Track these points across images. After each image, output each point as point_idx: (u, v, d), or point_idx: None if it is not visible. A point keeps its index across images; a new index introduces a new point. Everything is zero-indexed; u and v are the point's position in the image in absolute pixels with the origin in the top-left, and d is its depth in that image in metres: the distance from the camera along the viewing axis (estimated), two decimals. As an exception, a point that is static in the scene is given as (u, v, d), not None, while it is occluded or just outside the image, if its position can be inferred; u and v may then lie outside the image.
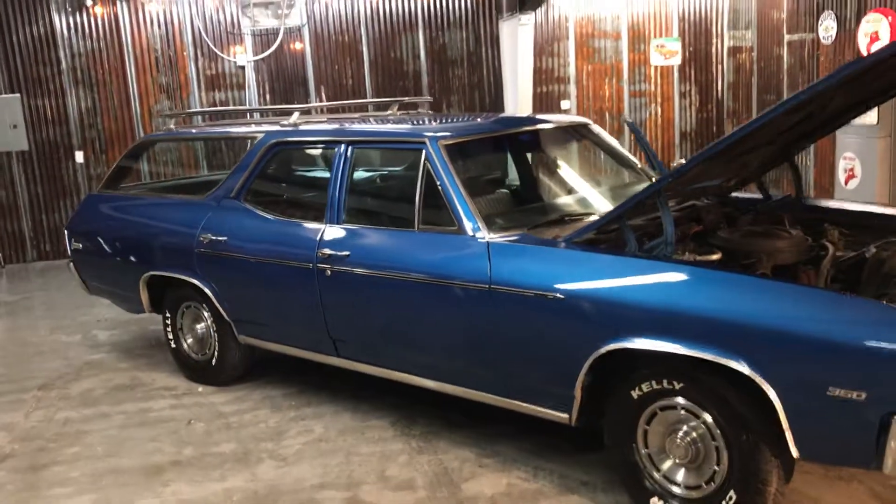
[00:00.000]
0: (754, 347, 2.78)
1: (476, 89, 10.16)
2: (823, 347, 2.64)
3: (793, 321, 2.71)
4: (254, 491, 3.69)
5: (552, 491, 3.51)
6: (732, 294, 2.88)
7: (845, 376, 2.61)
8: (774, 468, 2.87)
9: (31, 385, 5.28)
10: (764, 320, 2.75)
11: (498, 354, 3.52)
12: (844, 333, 2.61)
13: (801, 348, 2.68)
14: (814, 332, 2.66)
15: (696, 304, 2.91)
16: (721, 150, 3.02)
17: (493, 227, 3.60)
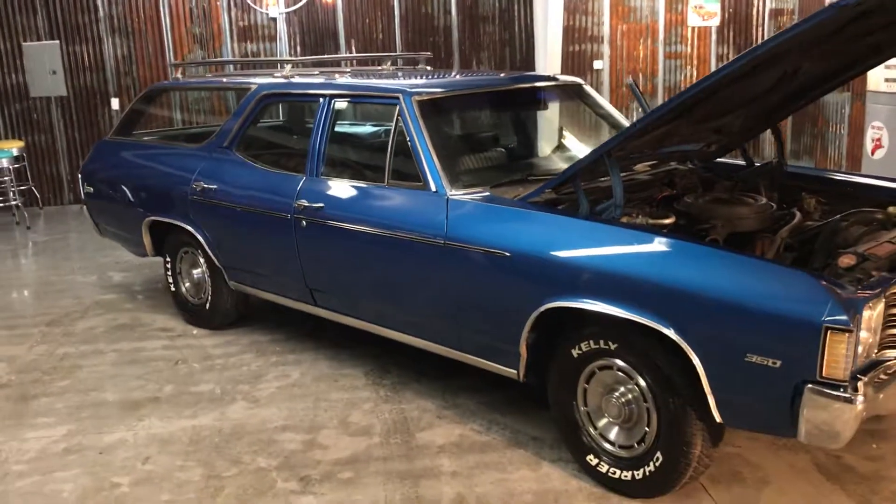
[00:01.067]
0: (680, 312, 2.79)
1: (507, 46, 10.09)
2: (742, 314, 2.64)
3: (715, 287, 2.71)
4: (219, 429, 3.85)
5: (501, 444, 3.59)
6: (662, 258, 2.89)
7: (762, 343, 2.62)
8: (699, 432, 2.89)
9: (41, 321, 5.53)
10: (689, 285, 2.76)
11: (452, 309, 3.59)
12: (762, 301, 2.61)
13: (722, 314, 2.69)
14: (733, 298, 2.66)
15: (627, 267, 2.93)
16: (668, 112, 2.99)
17: (457, 184, 3.63)
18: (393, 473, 3.39)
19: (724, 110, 3.64)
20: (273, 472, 3.46)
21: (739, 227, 3.42)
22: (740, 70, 2.84)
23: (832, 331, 2.46)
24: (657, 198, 3.79)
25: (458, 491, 3.24)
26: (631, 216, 3.33)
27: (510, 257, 3.25)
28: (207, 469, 3.50)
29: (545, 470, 3.37)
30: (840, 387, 2.51)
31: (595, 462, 3.21)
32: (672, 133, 3.58)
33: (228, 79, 5.37)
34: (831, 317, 2.46)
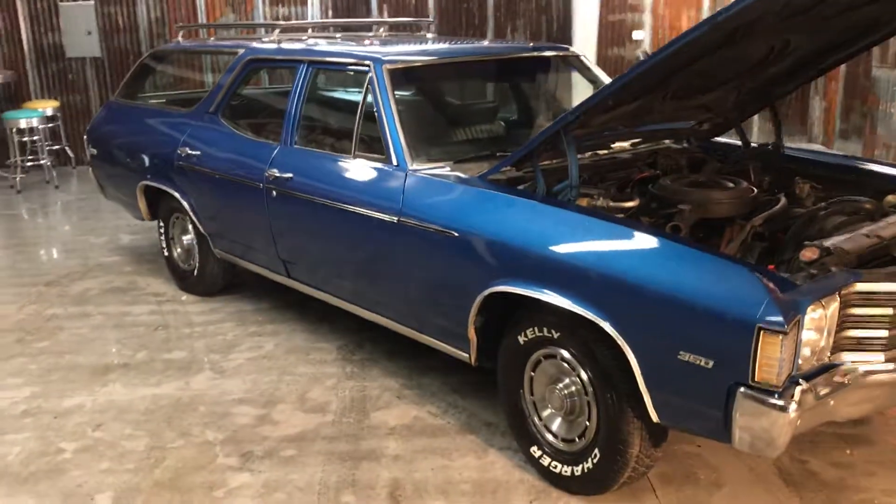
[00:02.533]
0: (616, 303, 2.62)
1: (543, 14, 9.79)
2: (676, 308, 2.46)
3: (650, 278, 2.52)
4: (178, 398, 3.81)
5: (453, 429, 3.47)
6: (602, 245, 2.71)
7: (694, 341, 2.43)
8: (637, 431, 2.72)
9: (40, 281, 5.59)
10: (625, 275, 2.58)
11: (408, 289, 3.46)
12: (696, 295, 2.41)
13: (656, 307, 2.50)
14: (667, 290, 2.47)
15: (566, 253, 2.75)
16: (627, 85, 2.78)
17: (420, 158, 3.49)
18: (336, 454, 3.30)
19: (707, 85, 3.41)
20: (217, 446, 3.40)
21: (712, 212, 3.19)
22: (705, 40, 2.62)
23: (765, 332, 2.25)
24: (635, 178, 3.58)
25: (396, 476, 3.14)
26: (593, 198, 3.14)
27: (458, 237, 3.10)
28: (154, 439, 3.46)
29: (491, 458, 3.24)
30: (774, 393, 2.30)
31: (538, 454, 3.07)
32: (648, 109, 3.37)
33: (224, 43, 5.27)
34: (765, 317, 2.26)
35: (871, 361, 2.55)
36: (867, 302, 2.52)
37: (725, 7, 2.44)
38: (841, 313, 2.49)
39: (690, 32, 2.54)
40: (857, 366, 2.52)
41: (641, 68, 2.68)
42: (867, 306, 2.52)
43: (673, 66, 2.84)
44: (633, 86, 2.87)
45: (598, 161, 3.70)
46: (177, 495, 3.06)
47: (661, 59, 2.63)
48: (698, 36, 2.53)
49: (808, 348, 2.44)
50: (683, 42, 2.56)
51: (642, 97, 3.15)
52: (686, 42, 2.56)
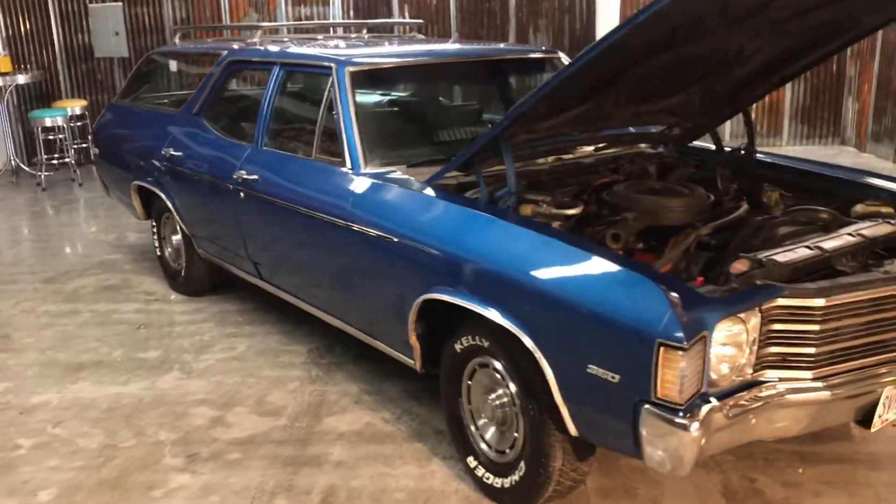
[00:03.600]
0: (532, 313, 2.56)
1: (567, 14, 9.67)
2: (584, 319, 2.39)
3: (562, 287, 2.47)
4: (141, 398, 3.85)
5: (403, 436, 3.44)
6: (522, 254, 2.64)
7: (602, 355, 2.36)
8: (559, 444, 2.65)
9: (40, 277, 5.71)
10: (540, 284, 2.52)
11: (359, 294, 3.44)
12: (603, 306, 2.34)
13: (568, 318, 2.44)
14: (577, 301, 2.41)
15: (489, 261, 2.70)
16: (554, 90, 2.71)
17: (374, 162, 3.46)
18: (280, 458, 3.30)
19: (665, 89, 3.32)
20: (168, 446, 3.43)
21: (662, 220, 3.10)
22: (633, 42, 2.54)
23: (665, 348, 2.18)
24: (594, 184, 3.49)
25: (333, 482, 3.12)
26: (537, 204, 3.07)
27: (397, 242, 3.07)
28: (109, 438, 3.50)
29: (433, 467, 3.20)
30: (677, 411, 2.22)
31: (474, 465, 3.02)
32: (603, 113, 3.29)
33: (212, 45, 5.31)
34: (665, 332, 2.18)
35: (798, 379, 2.45)
36: (792, 317, 2.42)
37: (641, 9, 2.36)
38: (763, 329, 2.40)
39: (611, 35, 2.46)
40: (779, 384, 2.42)
41: (565, 74, 2.61)
42: (791, 322, 2.42)
43: (607, 69, 2.76)
44: (567, 90, 2.80)
45: (561, 166, 3.63)
46: (116, 494, 3.09)
47: (586, 62, 2.55)
48: (621, 38, 2.45)
49: (725, 364, 2.36)
50: (605, 45, 2.48)
51: (587, 101, 3.07)
52: (609, 44, 2.48)
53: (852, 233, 2.85)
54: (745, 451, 3.20)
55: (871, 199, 3.34)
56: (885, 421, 2.66)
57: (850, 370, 2.52)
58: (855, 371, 2.53)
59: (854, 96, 9.58)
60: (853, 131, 9.62)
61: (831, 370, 2.49)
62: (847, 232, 2.86)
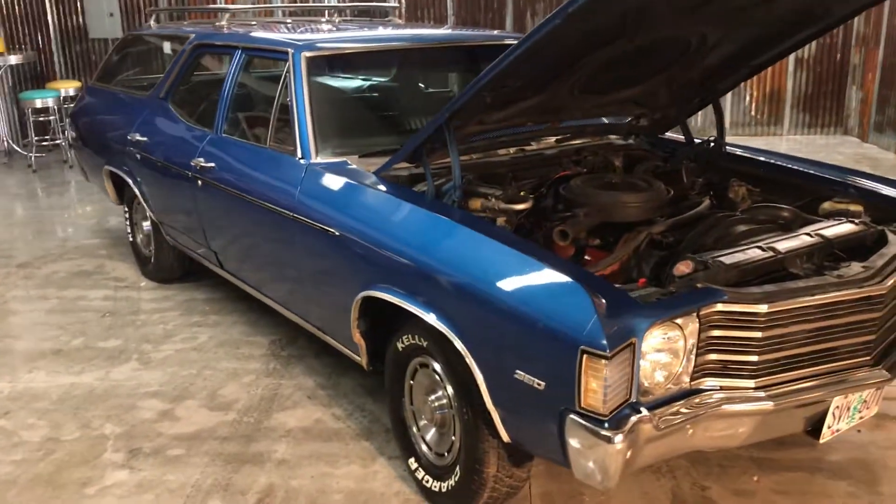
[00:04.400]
0: (462, 314, 2.45)
1: (565, -2, 9.46)
2: (512, 322, 2.28)
3: (492, 287, 2.35)
4: (91, 389, 3.78)
5: (351, 433, 3.34)
6: (454, 251, 2.53)
7: (528, 360, 2.25)
8: (493, 449, 2.54)
9: (14, 262, 5.65)
10: (470, 283, 2.41)
11: (307, 288, 3.35)
12: (529, 309, 2.23)
13: (496, 320, 2.33)
14: (504, 303, 2.30)
15: (423, 258, 2.59)
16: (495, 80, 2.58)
17: (324, 151, 3.35)
18: (223, 455, 3.22)
19: (626, 79, 3.19)
20: (111, 440, 3.35)
21: (617, 216, 2.97)
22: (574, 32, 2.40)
23: (588, 355, 2.06)
24: (553, 177, 3.37)
25: (273, 482, 3.03)
26: (486, 198, 2.95)
27: (338, 236, 2.96)
28: (53, 431, 3.43)
29: (376, 468, 3.10)
30: (602, 422, 2.11)
31: (415, 466, 2.92)
32: (561, 104, 3.17)
33: (183, 28, 5.20)
34: (588, 339, 2.06)
35: (739, 388, 2.33)
36: (733, 324, 2.29)
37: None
38: (702, 335, 2.28)
39: (545, 24, 2.33)
40: (718, 394, 2.30)
41: (502, 65, 2.48)
42: (732, 328, 2.29)
43: (554, 58, 2.63)
44: (513, 80, 2.67)
45: (523, 157, 3.51)
46: (49, 490, 3.02)
47: (523, 52, 2.43)
48: (558, 27, 2.32)
49: (660, 371, 2.24)
50: (540, 35, 2.35)
51: (541, 91, 2.94)
52: (545, 34, 2.35)
53: (811, 233, 2.72)
54: (700, 456, 3.08)
55: (841, 196, 3.21)
56: (835, 432, 2.55)
57: (796, 379, 2.39)
58: (802, 380, 2.40)
59: (858, 85, 9.36)
60: (856, 121, 9.41)
61: (775, 379, 2.37)
62: (806, 232, 2.73)
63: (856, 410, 2.57)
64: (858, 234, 2.80)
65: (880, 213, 3.09)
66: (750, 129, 9.81)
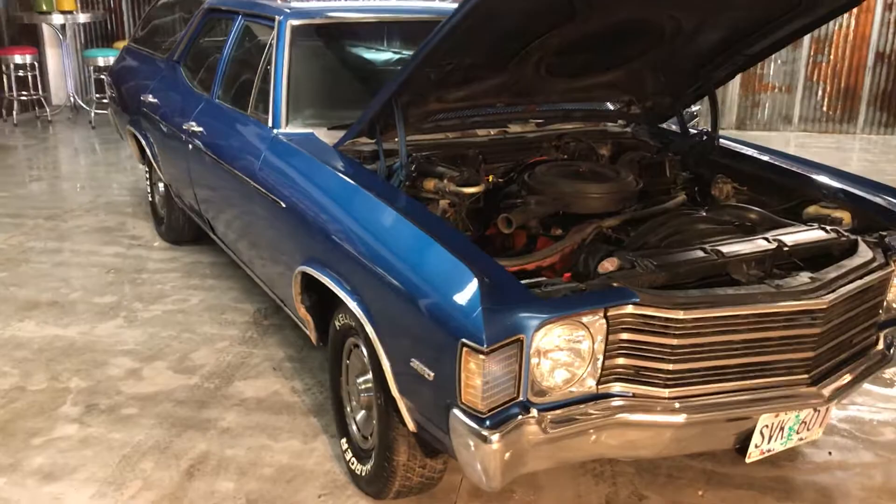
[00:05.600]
0: (373, 296, 2.38)
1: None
2: (409, 309, 2.20)
3: (395, 271, 2.28)
4: (72, 342, 3.86)
5: (303, 408, 3.32)
6: (374, 232, 2.46)
7: (421, 349, 2.17)
8: (402, 438, 2.47)
9: (44, 214, 5.83)
10: (380, 267, 2.34)
11: (265, 259, 3.33)
12: (425, 296, 2.15)
13: (400, 305, 2.25)
14: (407, 289, 2.22)
15: (347, 239, 2.53)
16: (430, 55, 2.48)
17: (295, 121, 3.31)
18: (172, 418, 3.24)
19: (594, 64, 3.05)
20: (73, 394, 3.41)
21: (575, 206, 2.84)
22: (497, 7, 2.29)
23: (468, 349, 1.96)
24: (526, 162, 3.24)
25: (209, 450, 3.03)
26: (440, 180, 2.86)
27: (284, 208, 2.92)
28: (22, 380, 3.52)
29: (315, 445, 3.07)
30: (482, 420, 2.01)
31: (345, 447, 2.87)
32: (525, 86, 3.04)
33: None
34: (470, 332, 1.96)
35: (651, 397, 2.19)
36: (647, 328, 2.15)
37: None
38: (612, 338, 2.14)
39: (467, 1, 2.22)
40: (623, 401, 2.17)
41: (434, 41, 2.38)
42: (646, 333, 2.15)
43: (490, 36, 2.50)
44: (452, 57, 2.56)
45: (501, 140, 3.39)
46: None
47: (451, 29, 2.32)
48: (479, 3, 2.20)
49: (562, 372, 2.13)
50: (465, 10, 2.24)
51: (498, 71, 2.82)
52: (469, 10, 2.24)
53: (770, 238, 2.54)
54: (649, 464, 2.94)
55: (829, 200, 2.99)
56: (764, 452, 2.39)
57: (718, 393, 2.24)
58: (724, 394, 2.24)
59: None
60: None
61: (694, 391, 2.22)
62: (765, 236, 2.55)
63: (792, 431, 2.40)
64: (826, 242, 2.60)
65: (868, 221, 2.87)
66: (821, 125, 9.34)
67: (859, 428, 3.24)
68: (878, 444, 3.14)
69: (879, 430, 3.24)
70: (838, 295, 2.30)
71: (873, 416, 3.34)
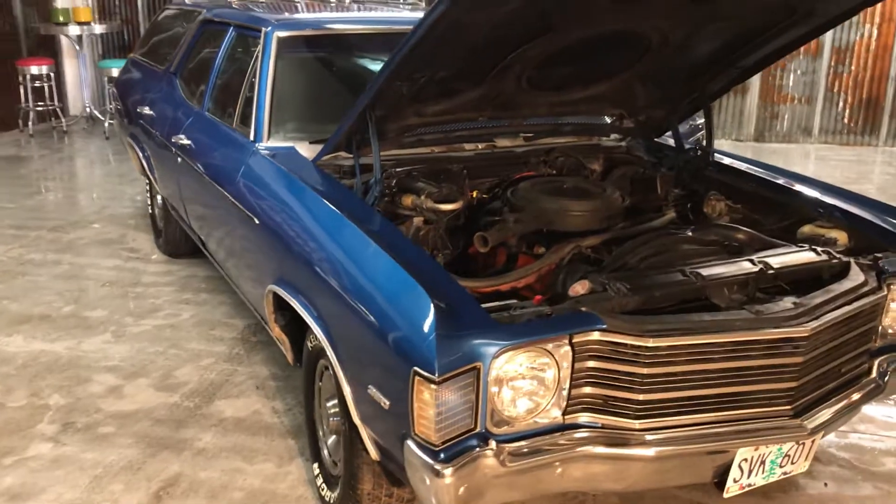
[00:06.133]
0: (335, 321, 2.30)
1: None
2: (368, 336, 2.11)
3: (359, 296, 2.19)
4: (57, 358, 3.81)
5: (282, 430, 3.24)
6: (337, 254, 2.37)
7: (377, 376, 2.08)
8: (366, 465, 2.38)
9: (47, 225, 5.82)
10: (342, 289, 2.25)
11: (244, 276, 3.26)
12: (383, 320, 2.05)
13: (358, 331, 2.17)
14: (367, 315, 2.13)
15: (312, 258, 2.45)
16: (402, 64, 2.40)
17: (277, 135, 3.24)
18: (149, 438, 3.17)
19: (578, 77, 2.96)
20: (51, 412, 3.36)
21: (556, 224, 2.74)
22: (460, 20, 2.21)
23: (419, 378, 1.87)
24: (515, 177, 3.15)
25: (182, 472, 2.96)
26: (418, 196, 2.77)
27: (258, 225, 2.85)
28: (3, 396, 3.48)
29: (290, 469, 2.99)
30: (435, 452, 1.91)
31: (317, 472, 2.79)
32: (507, 100, 2.95)
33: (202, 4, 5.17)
34: (421, 360, 1.87)
35: (620, 429, 2.08)
36: (615, 356, 2.04)
37: None
38: (577, 366, 2.04)
39: (432, 11, 2.13)
40: (589, 433, 2.06)
41: (400, 53, 2.30)
42: (612, 361, 2.05)
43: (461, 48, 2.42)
44: (423, 70, 2.48)
45: (490, 154, 3.30)
46: (-29, 457, 3.04)
47: (417, 41, 2.24)
48: (444, 14, 2.12)
49: (525, 401, 2.02)
50: (430, 20, 2.16)
51: (476, 84, 2.74)
52: (434, 21, 2.15)
53: (755, 260, 2.42)
54: (635, 492, 2.81)
55: (825, 219, 2.87)
56: (744, 487, 2.27)
57: (693, 424, 2.12)
58: (700, 426, 2.13)
59: (968, 96, 8.55)
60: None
61: (667, 422, 2.11)
62: (750, 258, 2.43)
63: (775, 465, 2.27)
64: (815, 264, 2.47)
65: (866, 242, 2.74)
66: (841, 137, 9.13)
67: (859, 458, 3.10)
68: (878, 475, 3.00)
69: (880, 459, 3.09)
70: (823, 322, 2.18)
71: (875, 444, 3.19)
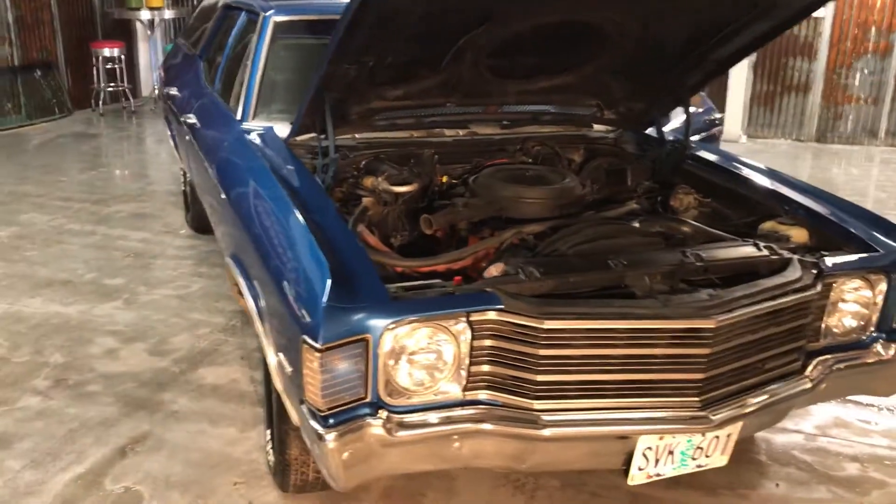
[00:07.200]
0: (263, 290, 2.39)
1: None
2: (279, 305, 2.20)
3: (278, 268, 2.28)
4: (68, 320, 4.05)
5: (254, 398, 3.37)
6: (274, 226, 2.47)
7: (284, 343, 2.18)
8: (293, 432, 2.47)
9: (91, 199, 6.14)
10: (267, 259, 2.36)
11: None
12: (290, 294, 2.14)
13: (274, 301, 2.26)
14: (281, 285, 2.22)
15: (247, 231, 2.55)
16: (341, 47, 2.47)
17: (261, 115, 3.37)
18: (129, 398, 3.35)
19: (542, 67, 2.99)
20: (48, 368, 3.58)
21: (510, 211, 2.78)
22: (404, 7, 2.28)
23: (307, 346, 1.96)
24: (486, 164, 3.20)
25: (150, 431, 3.13)
26: (375, 177, 2.86)
27: (224, 199, 2.98)
28: (9, 352, 3.72)
29: (251, 434, 3.12)
30: (323, 418, 2.00)
31: (268, 437, 2.89)
32: (470, 87, 3.00)
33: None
34: (309, 329, 1.96)
35: (521, 408, 2.13)
36: (514, 336, 2.09)
37: None
38: (476, 343, 2.09)
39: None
40: (485, 410, 2.11)
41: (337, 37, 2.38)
42: (511, 341, 2.09)
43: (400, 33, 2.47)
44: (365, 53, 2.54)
45: (467, 141, 3.35)
46: (-35, 406, 3.28)
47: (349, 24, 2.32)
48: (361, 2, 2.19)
49: (423, 374, 2.09)
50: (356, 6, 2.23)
51: (433, 70, 2.80)
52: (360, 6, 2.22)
53: (688, 252, 2.41)
54: (577, 478, 2.84)
55: (787, 217, 2.83)
56: (651, 476, 2.27)
57: (594, 409, 2.15)
58: (600, 410, 2.15)
59: None
60: None
61: (567, 405, 2.14)
62: (683, 250, 2.43)
63: (686, 456, 2.27)
64: (753, 259, 2.45)
65: (825, 241, 2.70)
66: (909, 139, 8.79)
67: (821, 461, 3.03)
68: (836, 479, 2.93)
69: (843, 465, 3.02)
70: (734, 315, 2.17)
71: (842, 449, 3.12)
